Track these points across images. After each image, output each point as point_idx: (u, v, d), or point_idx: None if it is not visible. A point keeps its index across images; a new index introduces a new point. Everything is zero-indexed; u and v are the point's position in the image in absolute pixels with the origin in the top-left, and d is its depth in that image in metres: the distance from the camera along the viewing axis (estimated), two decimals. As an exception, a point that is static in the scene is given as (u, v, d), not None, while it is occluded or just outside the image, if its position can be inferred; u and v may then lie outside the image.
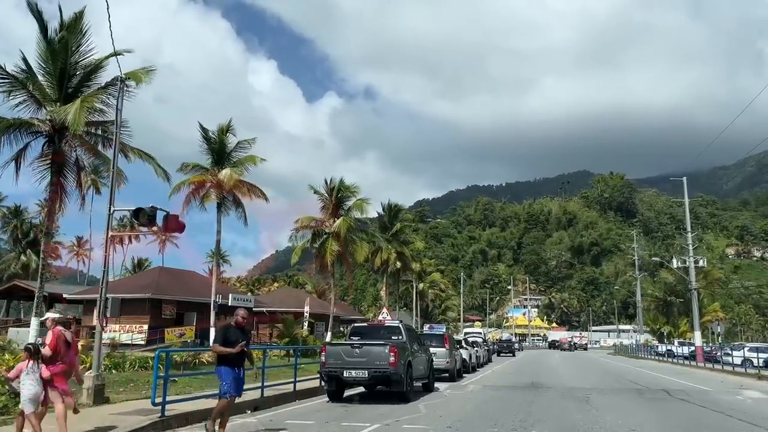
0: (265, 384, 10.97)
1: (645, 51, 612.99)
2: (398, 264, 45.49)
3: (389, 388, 11.35)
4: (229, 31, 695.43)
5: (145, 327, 33.25)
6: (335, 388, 11.41)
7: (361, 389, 12.77)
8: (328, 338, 30.95)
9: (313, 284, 72.85)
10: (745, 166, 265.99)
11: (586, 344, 77.55)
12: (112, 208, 9.85)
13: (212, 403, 9.37)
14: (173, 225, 9.79)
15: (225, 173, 24.89)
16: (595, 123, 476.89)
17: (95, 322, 34.13)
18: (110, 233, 10.23)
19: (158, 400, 8.01)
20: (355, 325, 13.77)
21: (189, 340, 33.14)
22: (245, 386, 11.45)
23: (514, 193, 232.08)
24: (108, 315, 9.77)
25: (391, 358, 10.86)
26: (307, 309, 38.88)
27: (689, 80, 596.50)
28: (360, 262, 33.76)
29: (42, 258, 17.81)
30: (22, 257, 46.90)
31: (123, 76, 10.91)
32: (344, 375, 10.98)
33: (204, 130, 26.20)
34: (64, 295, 36.70)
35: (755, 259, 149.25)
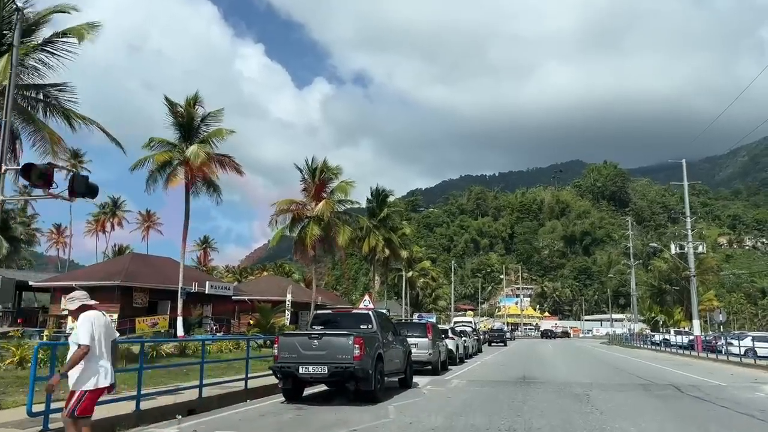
0: (205, 382, 9.13)
1: (645, 38, 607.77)
2: (386, 251, 43.77)
3: (356, 386, 9.55)
4: (216, 15, 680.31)
5: (115, 316, 31.29)
6: (291, 386, 9.61)
7: (326, 386, 10.99)
8: (308, 328, 29.14)
9: (301, 273, 71.07)
10: (737, 156, 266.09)
11: (553, 331, 77.37)
12: (3, 167, 7.90)
13: (122, 408, 7.51)
14: (81, 188, 7.86)
15: (192, 150, 22.88)
16: (592, 111, 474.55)
17: (62, 309, 31.58)
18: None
19: (38, 408, 6.12)
20: (319, 312, 11.91)
21: (163, 330, 31.28)
22: (183, 385, 9.40)
23: (507, 182, 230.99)
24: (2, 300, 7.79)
25: (356, 351, 9.06)
26: (289, 297, 37.04)
27: (689, 68, 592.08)
28: (342, 246, 31.88)
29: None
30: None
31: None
32: (300, 371, 9.17)
33: (170, 103, 24.11)
34: (30, 283, 34.61)
35: (747, 248, 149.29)
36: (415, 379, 13.38)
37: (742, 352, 23.05)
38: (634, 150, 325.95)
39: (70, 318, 32.88)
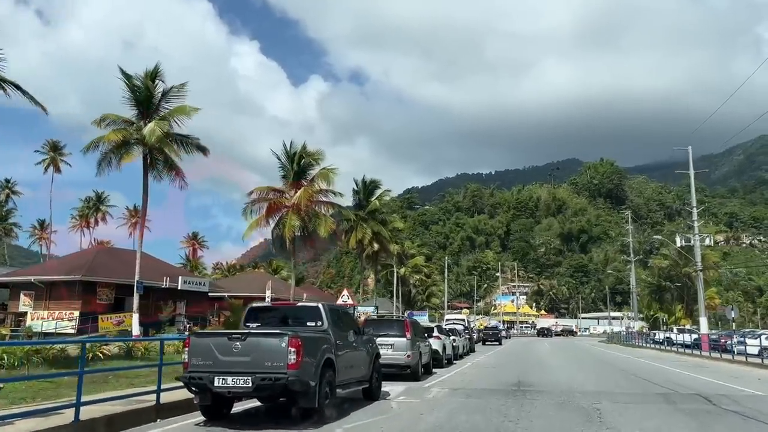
0: (84, 399, 6.68)
1: (642, 36, 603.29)
2: (375, 245, 41.39)
3: (294, 403, 7.19)
4: (211, 12, 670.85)
5: (76, 313, 28.89)
6: (210, 402, 7.23)
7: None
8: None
9: (289, 269, 68.55)
10: (733, 155, 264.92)
11: (550, 329, 75.48)
12: None
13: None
14: None
15: (149, 128, 20.49)
16: (589, 109, 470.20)
17: (22, 306, 29.06)
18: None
19: None
20: (255, 305, 9.52)
21: (128, 329, 28.88)
22: (55, 404, 6.38)
23: (504, 180, 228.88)
24: None
25: (291, 357, 6.70)
26: (268, 293, 34.60)
27: (685, 66, 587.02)
28: (324, 239, 29.51)
29: None
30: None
31: None
32: (215, 384, 6.79)
33: (126, 76, 21.68)
34: (-12, 278, 32.11)
35: (744, 246, 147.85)
36: (389, 386, 11.08)
37: (758, 353, 20.92)
38: (630, 148, 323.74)
39: (29, 315, 30.45)
